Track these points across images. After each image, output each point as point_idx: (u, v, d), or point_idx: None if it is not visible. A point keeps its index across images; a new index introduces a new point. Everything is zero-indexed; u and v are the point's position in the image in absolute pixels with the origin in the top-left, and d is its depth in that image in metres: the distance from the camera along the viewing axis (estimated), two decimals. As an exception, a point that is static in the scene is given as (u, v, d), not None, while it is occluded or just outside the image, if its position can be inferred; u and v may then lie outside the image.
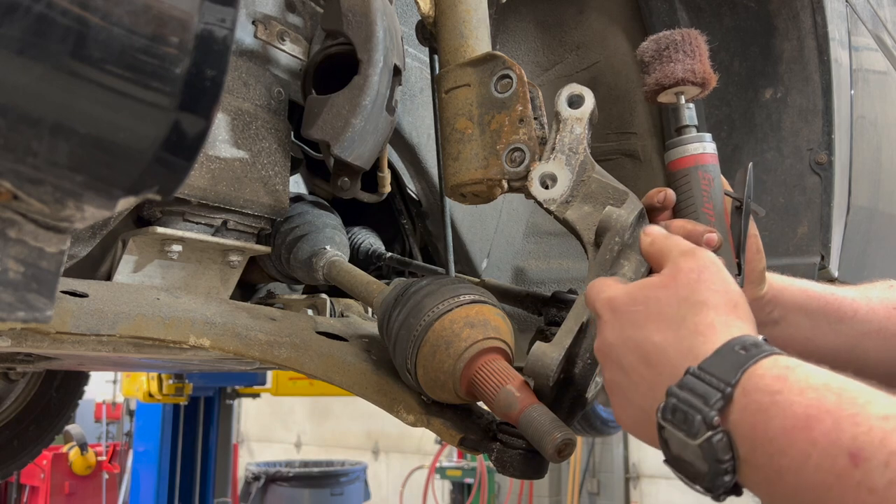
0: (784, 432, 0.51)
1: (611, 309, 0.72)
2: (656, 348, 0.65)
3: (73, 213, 0.52)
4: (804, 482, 0.50)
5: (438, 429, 1.00)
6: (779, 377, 0.55)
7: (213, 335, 0.93)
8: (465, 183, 0.99)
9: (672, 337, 0.64)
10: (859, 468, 0.46)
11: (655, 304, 0.68)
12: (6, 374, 2.29)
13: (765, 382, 0.55)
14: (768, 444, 0.53)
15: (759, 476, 0.54)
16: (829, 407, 0.50)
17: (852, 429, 0.48)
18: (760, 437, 0.53)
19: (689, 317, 0.65)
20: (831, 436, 0.49)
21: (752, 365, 0.57)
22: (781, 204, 1.52)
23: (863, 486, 0.46)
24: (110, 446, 6.55)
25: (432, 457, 7.97)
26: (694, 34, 0.93)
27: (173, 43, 0.49)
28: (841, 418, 0.49)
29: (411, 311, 0.94)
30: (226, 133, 1.07)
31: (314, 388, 5.48)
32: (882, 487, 0.45)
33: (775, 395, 0.53)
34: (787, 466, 0.51)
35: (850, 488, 0.47)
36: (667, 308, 0.67)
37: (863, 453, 0.47)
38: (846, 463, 0.47)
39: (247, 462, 7.65)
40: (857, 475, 0.46)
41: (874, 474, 0.46)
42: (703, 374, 0.58)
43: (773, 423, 0.52)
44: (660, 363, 0.64)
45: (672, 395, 0.59)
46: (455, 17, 1.02)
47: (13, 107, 0.45)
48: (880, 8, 1.99)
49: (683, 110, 0.94)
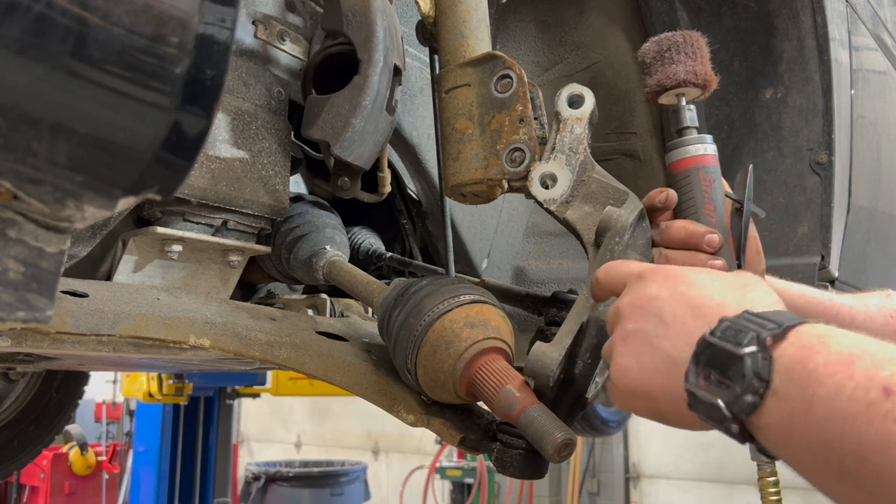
0: (825, 365, 0.53)
1: (664, 273, 0.71)
2: (714, 303, 0.65)
3: (73, 213, 0.51)
4: (834, 411, 0.51)
5: (438, 429, 1.00)
6: (828, 330, 0.57)
7: (213, 335, 0.93)
8: (465, 183, 0.99)
9: (732, 297, 0.65)
10: (890, 399, 0.48)
11: (717, 276, 0.69)
12: (6, 374, 2.29)
13: (816, 329, 0.57)
14: (807, 375, 0.54)
15: (785, 408, 0.55)
16: (871, 350, 0.52)
17: (891, 367, 0.50)
18: (801, 368, 0.54)
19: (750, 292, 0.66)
20: (869, 371, 0.50)
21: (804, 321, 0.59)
22: (781, 204, 1.52)
23: (890, 415, 0.47)
24: (110, 446, 6.55)
25: (432, 457, 7.97)
26: (695, 36, 0.93)
27: (173, 43, 0.49)
28: (882, 359, 0.51)
29: (411, 311, 0.94)
30: (226, 133, 1.07)
31: (314, 388, 5.48)
32: None
33: (823, 337, 0.56)
34: (821, 396, 0.52)
35: (878, 417, 0.48)
36: (727, 281, 0.68)
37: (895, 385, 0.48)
38: (879, 394, 0.49)
39: (247, 462, 7.65)
40: (886, 405, 0.48)
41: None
42: (762, 314, 0.60)
43: (816, 357, 0.54)
44: (713, 313, 0.64)
45: (727, 321, 0.60)
46: (455, 17, 1.02)
47: (13, 107, 0.45)
48: (880, 8, 1.98)
49: (684, 112, 0.94)
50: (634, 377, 0.68)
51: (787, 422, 0.55)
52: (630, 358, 0.68)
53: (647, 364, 0.67)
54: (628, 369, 0.68)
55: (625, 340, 0.69)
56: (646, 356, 0.67)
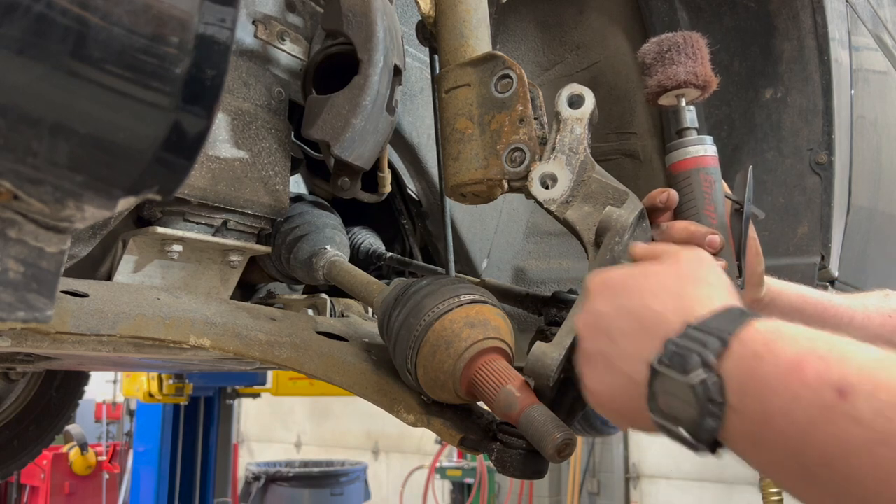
0: (776, 375, 0.52)
1: (605, 284, 0.72)
2: (654, 314, 0.64)
3: (74, 213, 0.51)
4: (793, 420, 0.50)
5: (438, 429, 1.00)
6: (773, 330, 0.56)
7: (213, 335, 0.93)
8: (465, 183, 0.99)
9: (672, 305, 0.64)
10: (846, 400, 0.47)
11: (655, 277, 0.69)
12: (6, 374, 2.29)
13: (760, 334, 0.56)
14: (760, 388, 0.53)
15: (745, 424, 0.55)
16: (820, 352, 0.51)
17: (841, 367, 0.49)
18: (753, 381, 0.54)
19: (690, 290, 0.65)
20: (822, 375, 0.49)
21: (750, 320, 0.58)
22: (781, 204, 1.52)
23: (849, 416, 0.46)
24: (110, 446, 6.55)
25: (432, 457, 7.97)
26: (695, 37, 0.93)
27: (173, 43, 0.49)
28: (831, 360, 0.50)
29: (411, 312, 0.94)
30: (226, 133, 1.07)
31: (314, 388, 5.48)
32: (868, 418, 0.45)
33: (769, 343, 0.54)
34: (777, 407, 0.52)
35: (837, 420, 0.47)
36: (667, 280, 0.67)
37: (850, 387, 0.47)
38: (833, 396, 0.48)
39: (247, 462, 7.65)
40: (844, 407, 0.47)
41: (860, 405, 0.46)
42: (703, 326, 0.59)
43: (765, 367, 0.53)
44: (656, 327, 0.63)
45: (672, 344, 0.59)
46: (455, 17, 1.02)
47: (13, 107, 0.45)
48: (880, 8, 1.98)
49: (684, 112, 0.94)
50: (606, 401, 0.69)
51: (750, 435, 0.54)
52: (595, 381, 0.69)
53: (611, 387, 0.67)
54: (597, 393, 0.69)
55: (587, 362, 0.70)
56: (607, 378, 0.68)
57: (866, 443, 0.45)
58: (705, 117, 1.62)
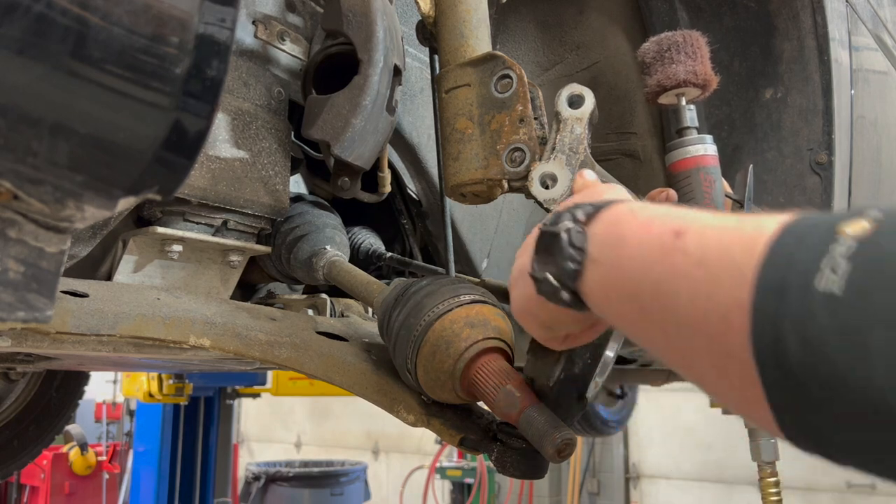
0: (632, 230, 0.60)
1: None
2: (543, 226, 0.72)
3: (74, 213, 0.51)
4: (636, 262, 0.57)
5: (438, 429, 1.00)
6: (641, 204, 0.64)
7: (213, 335, 0.93)
8: (465, 183, 0.99)
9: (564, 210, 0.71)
10: (680, 238, 0.53)
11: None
12: (6, 374, 2.29)
13: (629, 206, 0.64)
14: (617, 240, 0.61)
15: (601, 271, 0.62)
16: (672, 212, 0.58)
17: (681, 218, 0.56)
18: (613, 237, 0.62)
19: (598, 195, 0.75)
20: (665, 223, 0.56)
21: (622, 201, 0.66)
22: (782, 204, 1.52)
23: (679, 250, 0.53)
24: (110, 446, 6.55)
25: (432, 457, 7.96)
26: (695, 36, 0.93)
27: (173, 43, 0.49)
28: (677, 215, 0.57)
29: (411, 312, 0.94)
30: (226, 133, 1.07)
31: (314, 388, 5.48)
32: (693, 248, 0.52)
33: (634, 210, 0.62)
34: (628, 254, 0.59)
35: (669, 254, 0.54)
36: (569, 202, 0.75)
37: (684, 229, 0.54)
38: (670, 237, 0.54)
39: (247, 462, 7.65)
40: (676, 243, 0.53)
41: (689, 239, 0.53)
42: (586, 203, 0.67)
43: (626, 225, 0.61)
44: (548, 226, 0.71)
45: (556, 213, 0.68)
46: (455, 17, 1.02)
47: (13, 107, 0.45)
48: (880, 8, 1.98)
49: (684, 112, 0.94)
50: (515, 302, 0.77)
51: (604, 282, 0.61)
52: (512, 298, 0.78)
53: (517, 291, 0.76)
54: (515, 306, 0.78)
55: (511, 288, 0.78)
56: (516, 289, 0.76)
57: (686, 266, 0.51)
58: (705, 117, 1.62)
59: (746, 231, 0.49)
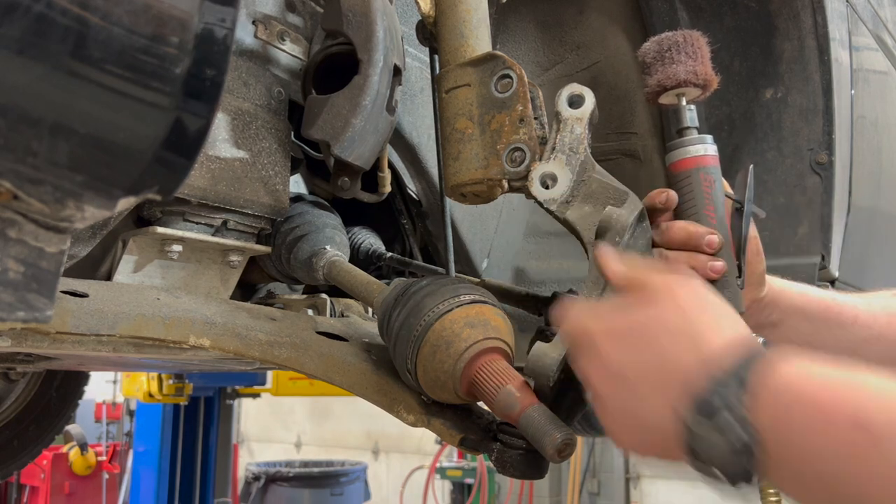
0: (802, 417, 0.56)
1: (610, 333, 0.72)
2: (671, 361, 0.66)
3: (73, 213, 0.51)
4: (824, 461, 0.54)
5: (438, 429, 0.99)
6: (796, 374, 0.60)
7: (213, 335, 0.93)
8: (465, 183, 0.99)
9: (685, 344, 0.66)
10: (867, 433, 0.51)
11: (658, 319, 0.69)
12: (6, 374, 2.29)
13: (783, 379, 0.59)
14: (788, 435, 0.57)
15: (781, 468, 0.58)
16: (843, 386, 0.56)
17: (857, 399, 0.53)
18: (783, 428, 0.58)
19: (696, 325, 0.67)
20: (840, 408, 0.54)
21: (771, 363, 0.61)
22: (782, 204, 1.52)
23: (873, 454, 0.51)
24: (110, 446, 6.55)
25: (432, 457, 7.96)
26: (696, 36, 0.93)
27: (173, 43, 0.49)
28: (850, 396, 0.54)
29: (411, 312, 0.94)
30: (226, 133, 1.07)
31: (314, 388, 5.48)
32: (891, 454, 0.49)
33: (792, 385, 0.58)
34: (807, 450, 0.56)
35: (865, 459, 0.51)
36: (672, 319, 0.68)
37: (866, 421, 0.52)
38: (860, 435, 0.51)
39: (247, 462, 7.65)
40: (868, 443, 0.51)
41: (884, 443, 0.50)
42: (726, 377, 0.61)
43: (794, 411, 0.57)
44: (677, 373, 0.65)
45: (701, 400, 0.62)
46: (455, 16, 1.02)
47: (13, 107, 0.45)
48: (881, 8, 1.98)
49: (685, 112, 0.94)
50: (640, 452, 0.71)
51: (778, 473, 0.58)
52: (625, 436, 0.72)
53: (642, 441, 0.70)
54: (629, 446, 0.72)
55: (611, 418, 0.72)
56: (637, 434, 0.70)
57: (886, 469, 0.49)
58: (706, 117, 1.62)
59: None
